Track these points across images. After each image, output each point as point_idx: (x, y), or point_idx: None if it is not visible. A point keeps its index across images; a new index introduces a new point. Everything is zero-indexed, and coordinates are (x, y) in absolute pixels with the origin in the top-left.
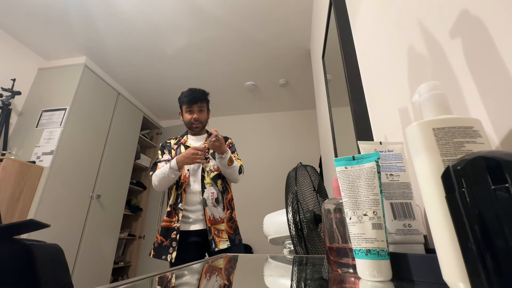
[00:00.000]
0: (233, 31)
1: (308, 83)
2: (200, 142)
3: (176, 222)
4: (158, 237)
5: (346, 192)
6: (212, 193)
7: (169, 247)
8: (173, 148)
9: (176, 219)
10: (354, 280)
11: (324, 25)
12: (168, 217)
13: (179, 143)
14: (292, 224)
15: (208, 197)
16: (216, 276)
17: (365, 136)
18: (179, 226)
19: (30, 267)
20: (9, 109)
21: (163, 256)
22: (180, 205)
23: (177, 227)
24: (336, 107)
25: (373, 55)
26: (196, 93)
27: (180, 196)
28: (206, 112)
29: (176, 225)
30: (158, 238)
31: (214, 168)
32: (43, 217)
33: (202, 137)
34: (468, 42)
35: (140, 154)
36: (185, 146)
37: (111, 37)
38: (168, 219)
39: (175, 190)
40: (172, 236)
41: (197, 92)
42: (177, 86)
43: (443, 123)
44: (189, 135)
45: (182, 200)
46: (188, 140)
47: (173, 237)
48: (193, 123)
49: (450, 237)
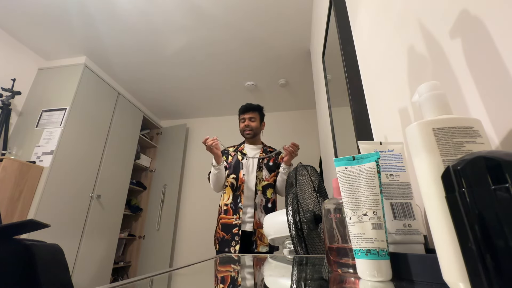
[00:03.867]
0: (233, 31)
1: (308, 83)
2: (256, 151)
3: (238, 219)
4: (220, 232)
5: (346, 192)
6: (261, 200)
7: (231, 241)
8: (231, 154)
9: (238, 216)
10: (354, 280)
11: (324, 25)
12: (225, 215)
13: (237, 150)
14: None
15: (258, 203)
16: (216, 276)
17: (365, 136)
18: (240, 223)
19: (30, 267)
20: (9, 109)
21: (226, 248)
22: (240, 205)
23: (239, 224)
24: (336, 107)
25: (373, 55)
26: (249, 105)
27: (239, 197)
28: (258, 122)
29: (238, 222)
30: (219, 233)
31: (265, 178)
32: (43, 217)
33: (258, 147)
34: (468, 42)
35: (140, 154)
36: (242, 153)
37: (111, 37)
38: (227, 217)
39: (232, 191)
40: (233, 231)
41: (251, 104)
42: (177, 86)
43: (443, 123)
44: (246, 144)
45: (241, 200)
46: (245, 148)
47: (235, 232)
48: (245, 130)
49: (450, 237)
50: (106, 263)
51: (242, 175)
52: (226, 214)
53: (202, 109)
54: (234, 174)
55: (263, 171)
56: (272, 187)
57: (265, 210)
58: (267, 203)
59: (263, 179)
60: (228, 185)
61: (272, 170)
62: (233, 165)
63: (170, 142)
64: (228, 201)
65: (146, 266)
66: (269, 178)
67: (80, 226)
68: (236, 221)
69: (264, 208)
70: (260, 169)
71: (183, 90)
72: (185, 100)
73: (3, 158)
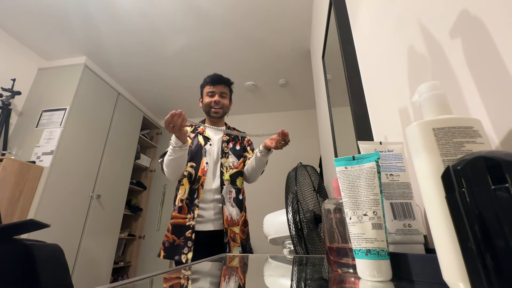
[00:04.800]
0: (233, 31)
1: (308, 83)
2: (219, 134)
3: (191, 219)
4: (169, 236)
5: (346, 192)
6: (231, 192)
7: (183, 247)
8: (189, 136)
9: (192, 216)
10: (354, 280)
11: (324, 25)
12: (179, 213)
13: (196, 132)
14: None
15: (226, 195)
16: (216, 276)
17: (365, 136)
18: (195, 225)
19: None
20: (9, 109)
21: (176, 256)
22: (197, 201)
23: (192, 225)
24: (336, 107)
25: (373, 55)
26: (221, 76)
27: (196, 191)
28: (228, 100)
29: (191, 223)
30: (168, 236)
31: (233, 165)
32: (43, 217)
33: (221, 129)
34: (468, 42)
35: (140, 154)
36: (204, 137)
37: (111, 37)
38: (180, 216)
39: (189, 184)
40: (186, 235)
41: (222, 76)
42: (177, 86)
43: (443, 123)
44: (207, 124)
45: (198, 195)
46: (206, 130)
47: (188, 236)
48: (213, 107)
49: (450, 237)
50: (106, 263)
51: (205, 164)
52: (180, 212)
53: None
54: (193, 162)
55: (230, 157)
56: (241, 175)
57: (237, 203)
58: (237, 195)
59: (230, 166)
60: (186, 175)
61: (240, 156)
62: (192, 150)
63: None
64: (184, 195)
65: (146, 266)
66: (238, 164)
67: (80, 226)
68: (190, 222)
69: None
70: (226, 155)
71: (183, 90)
72: (185, 100)
73: (3, 158)
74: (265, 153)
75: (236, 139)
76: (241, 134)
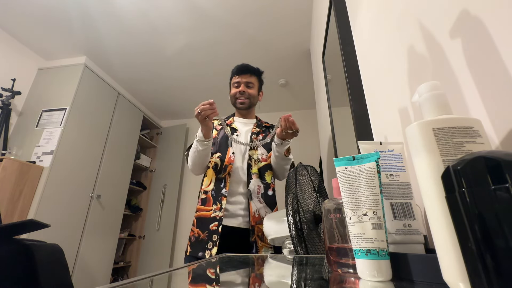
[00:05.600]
0: (233, 31)
1: (308, 83)
2: (249, 126)
3: (218, 210)
4: (195, 230)
5: (346, 192)
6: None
7: (207, 241)
8: (216, 128)
9: (218, 207)
10: (354, 280)
11: (324, 25)
12: (203, 205)
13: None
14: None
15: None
16: (215, 276)
17: (365, 136)
18: (221, 217)
19: (30, 267)
20: (9, 109)
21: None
22: (224, 191)
23: (219, 217)
24: (336, 107)
25: (373, 55)
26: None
27: (223, 181)
28: (256, 90)
29: (217, 214)
30: (194, 231)
31: (262, 158)
32: (43, 217)
33: (251, 121)
34: (468, 42)
35: (140, 154)
36: (231, 128)
37: (111, 37)
38: (204, 208)
39: (215, 174)
40: (211, 228)
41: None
42: (177, 86)
43: (443, 123)
44: (236, 117)
45: (226, 185)
46: (235, 122)
47: (213, 229)
48: (238, 98)
49: (450, 237)
50: (106, 263)
51: (231, 153)
52: (204, 204)
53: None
54: (219, 153)
55: (259, 149)
56: (271, 169)
57: (265, 200)
58: (266, 190)
59: (259, 159)
60: (211, 166)
61: (270, 149)
62: (219, 141)
63: (170, 142)
64: (209, 187)
65: (146, 266)
66: (267, 158)
67: (80, 226)
68: (216, 213)
69: (263, 197)
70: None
71: (183, 90)
72: (185, 100)
73: (3, 158)
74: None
75: (266, 131)
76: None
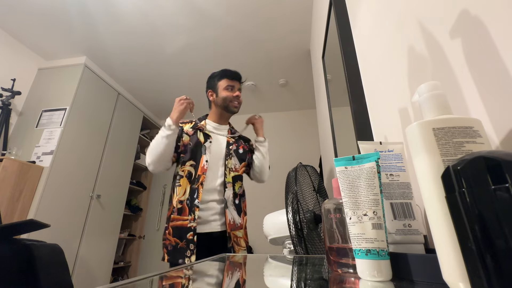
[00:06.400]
0: (233, 31)
1: (308, 83)
2: (223, 131)
3: (192, 221)
4: (171, 239)
5: (346, 192)
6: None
7: (186, 250)
8: (188, 133)
9: (192, 217)
10: (354, 280)
11: (324, 25)
12: (179, 215)
13: (196, 128)
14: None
15: (229, 198)
16: (215, 276)
17: (365, 136)
18: (196, 226)
19: (30, 267)
20: (9, 109)
21: (180, 260)
22: (197, 202)
23: (193, 227)
24: (336, 107)
25: (373, 55)
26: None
27: (196, 191)
28: None
29: (192, 225)
30: (170, 239)
31: (235, 168)
32: (43, 217)
33: (224, 127)
34: (468, 42)
35: (140, 154)
36: (204, 134)
37: (111, 37)
38: (180, 217)
39: (189, 183)
40: (188, 237)
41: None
42: (177, 85)
43: (443, 123)
44: (209, 120)
45: (198, 195)
46: (207, 125)
47: (189, 238)
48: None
49: (450, 237)
50: (106, 263)
51: (205, 162)
52: (180, 214)
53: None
54: (192, 161)
55: (233, 158)
56: (241, 180)
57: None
58: (235, 199)
59: (232, 168)
60: (184, 175)
61: (243, 160)
62: (191, 148)
63: None
64: (183, 196)
65: (146, 266)
66: (239, 168)
67: (80, 226)
68: (191, 223)
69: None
70: (229, 156)
71: (183, 90)
72: None
73: (3, 158)
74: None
75: (239, 142)
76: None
